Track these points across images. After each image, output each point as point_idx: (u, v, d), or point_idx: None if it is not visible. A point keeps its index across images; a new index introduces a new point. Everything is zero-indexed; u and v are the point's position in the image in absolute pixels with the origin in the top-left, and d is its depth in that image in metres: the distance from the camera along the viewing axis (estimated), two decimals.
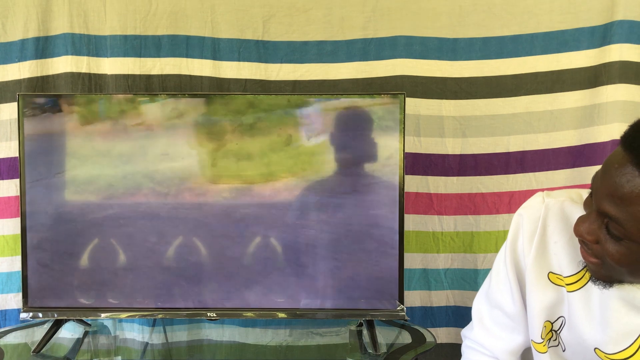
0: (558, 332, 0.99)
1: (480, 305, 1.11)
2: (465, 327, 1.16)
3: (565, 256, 0.94)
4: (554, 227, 0.97)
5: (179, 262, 1.61)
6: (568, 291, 0.96)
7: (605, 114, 1.72)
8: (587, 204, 0.85)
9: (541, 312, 0.99)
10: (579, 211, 0.91)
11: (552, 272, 0.98)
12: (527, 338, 1.05)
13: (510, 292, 1.04)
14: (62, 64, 1.78)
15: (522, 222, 1.00)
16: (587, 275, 0.92)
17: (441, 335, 1.82)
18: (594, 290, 0.91)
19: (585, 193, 0.90)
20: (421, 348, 1.59)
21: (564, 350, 0.99)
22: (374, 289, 1.61)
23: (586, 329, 0.93)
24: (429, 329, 1.72)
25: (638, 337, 0.89)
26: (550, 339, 1.00)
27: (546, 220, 0.98)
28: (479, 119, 1.77)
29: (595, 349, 0.93)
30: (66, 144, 1.60)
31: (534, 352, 1.03)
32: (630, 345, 0.89)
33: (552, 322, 0.99)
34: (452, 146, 1.79)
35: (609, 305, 0.90)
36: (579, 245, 0.89)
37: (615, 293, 0.89)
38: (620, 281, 0.86)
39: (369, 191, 1.60)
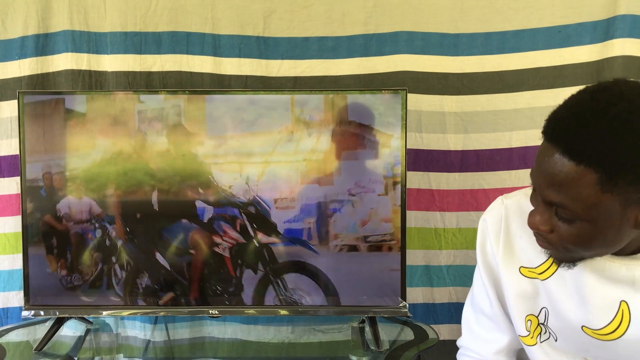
0: (545, 324, 1.02)
1: (467, 313, 1.17)
2: (459, 338, 1.19)
3: (532, 247, 0.99)
4: (517, 224, 1.04)
5: (180, 259, 1.61)
6: (542, 279, 1.00)
7: None
8: (532, 198, 0.91)
9: (520, 306, 1.03)
10: None
11: (523, 266, 1.02)
12: (513, 337, 1.08)
13: (487, 295, 1.09)
14: (63, 61, 1.77)
15: (487, 226, 1.08)
16: None
17: (444, 331, 1.82)
18: (567, 273, 0.96)
19: None
20: (424, 345, 1.58)
21: (556, 340, 1.01)
22: (376, 286, 1.61)
23: (569, 310, 0.96)
24: (431, 325, 1.71)
25: (619, 308, 0.92)
26: (540, 334, 1.03)
27: (508, 219, 1.05)
28: (480, 115, 1.76)
29: (582, 327, 0.95)
30: (67, 142, 1.59)
31: (524, 347, 1.06)
32: (614, 318, 0.92)
33: (536, 315, 1.02)
34: (453, 142, 1.78)
35: (584, 282, 0.93)
36: None
37: (588, 269, 0.93)
38: (581, 258, 0.90)
39: (371, 188, 1.60)
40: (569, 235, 0.84)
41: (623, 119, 0.76)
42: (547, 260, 0.99)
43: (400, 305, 1.59)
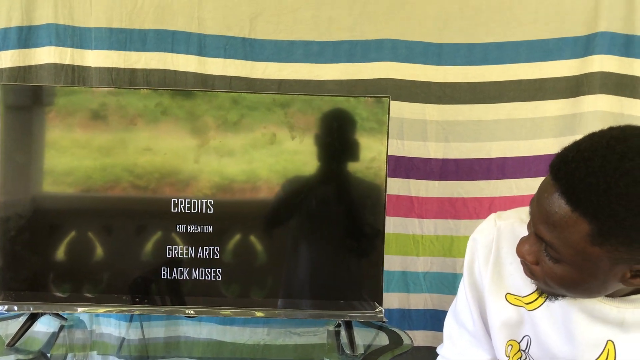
0: (526, 351, 1.00)
1: (449, 324, 1.14)
2: (439, 345, 1.18)
3: (522, 275, 0.95)
4: (508, 249, 1.00)
5: (157, 257, 1.60)
6: (529, 310, 0.98)
7: (585, 124, 1.74)
8: (529, 225, 0.88)
9: (502, 332, 1.01)
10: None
11: (510, 293, 1.00)
12: (494, 357, 1.07)
13: (470, 314, 1.07)
14: (45, 55, 1.76)
15: (477, 247, 1.03)
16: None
17: (418, 337, 1.84)
18: (556, 307, 0.94)
19: None
20: (398, 350, 1.60)
21: None
22: (353, 290, 1.62)
23: (555, 344, 0.95)
24: (406, 331, 1.73)
25: (605, 347, 0.91)
26: (520, 359, 1.02)
27: (499, 242, 1.01)
28: (461, 124, 1.78)
29: None
30: (47, 136, 1.58)
31: None
32: (599, 355, 0.91)
33: (517, 341, 1.01)
34: (434, 150, 1.80)
35: (572, 319, 0.92)
36: None
37: (576, 307, 0.91)
38: (564, 296, 0.89)
39: (351, 192, 1.61)
40: (553, 274, 0.83)
41: (632, 177, 0.72)
42: (535, 290, 0.96)
43: (377, 310, 1.60)
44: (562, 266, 0.81)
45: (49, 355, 1.58)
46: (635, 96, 1.74)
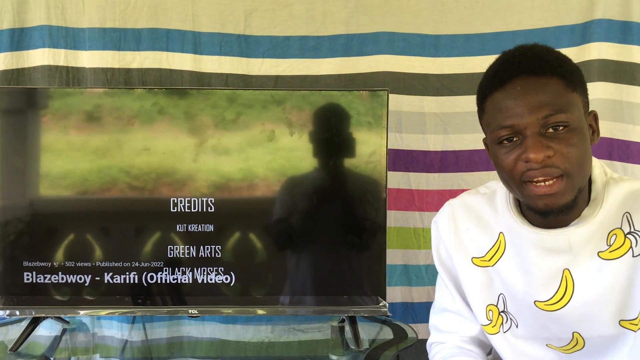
0: (505, 310, 1.06)
1: (432, 320, 1.20)
2: (428, 340, 1.20)
3: (479, 236, 1.07)
4: (462, 218, 1.10)
5: (157, 258, 1.59)
6: (492, 265, 1.05)
7: None
8: (512, 154, 0.93)
9: (478, 296, 1.08)
10: (477, 199, 1.09)
11: (474, 257, 1.08)
12: (480, 328, 1.11)
13: (450, 293, 1.14)
14: (39, 57, 1.74)
15: (438, 227, 1.13)
16: (503, 243, 1.04)
17: (422, 330, 1.83)
18: (511, 253, 1.02)
19: (482, 188, 1.10)
20: (403, 344, 1.59)
21: (517, 327, 1.05)
22: (356, 285, 1.61)
23: (520, 288, 1.01)
24: (410, 324, 1.72)
25: (562, 276, 0.97)
26: (503, 323, 1.06)
27: (454, 215, 1.11)
28: (460, 116, 1.78)
29: (535, 302, 1.00)
30: (42, 139, 1.56)
31: (488, 337, 1.10)
32: (559, 286, 0.97)
33: (495, 304, 1.06)
34: (433, 142, 1.79)
35: (527, 257, 0.99)
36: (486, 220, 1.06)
37: (528, 243, 0.99)
38: (573, 193, 0.91)
39: (351, 187, 1.60)
40: (569, 144, 0.89)
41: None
42: (494, 245, 1.05)
43: (380, 304, 1.60)
44: (571, 131, 0.89)
45: (52, 359, 1.57)
46: (634, 83, 1.74)
